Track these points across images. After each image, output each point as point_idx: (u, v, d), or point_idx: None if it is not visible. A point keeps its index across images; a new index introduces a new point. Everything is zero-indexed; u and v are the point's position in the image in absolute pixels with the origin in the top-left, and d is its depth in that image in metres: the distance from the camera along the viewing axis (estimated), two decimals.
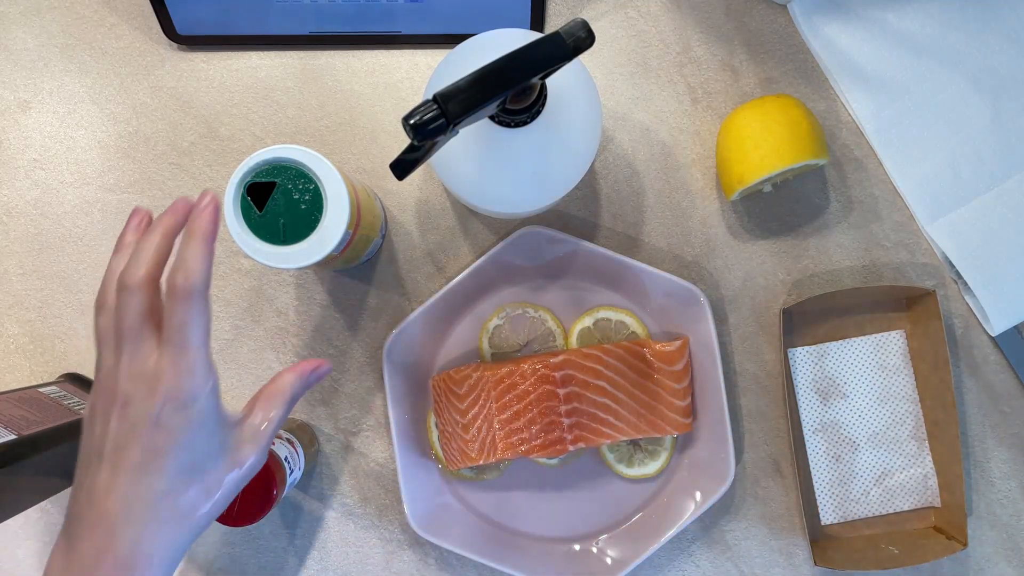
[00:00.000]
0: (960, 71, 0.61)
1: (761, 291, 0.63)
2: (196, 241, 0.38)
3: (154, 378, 0.37)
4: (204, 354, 0.38)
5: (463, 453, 0.59)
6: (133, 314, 0.37)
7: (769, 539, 0.63)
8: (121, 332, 0.38)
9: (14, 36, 0.63)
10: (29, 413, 0.54)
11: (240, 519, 0.51)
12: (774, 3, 0.63)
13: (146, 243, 0.39)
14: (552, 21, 0.63)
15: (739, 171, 0.57)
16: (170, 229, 0.40)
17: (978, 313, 0.62)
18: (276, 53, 0.63)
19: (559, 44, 0.37)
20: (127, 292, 0.38)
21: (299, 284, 0.63)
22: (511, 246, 0.60)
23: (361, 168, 0.63)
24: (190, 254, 0.38)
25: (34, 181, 0.63)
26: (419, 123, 0.35)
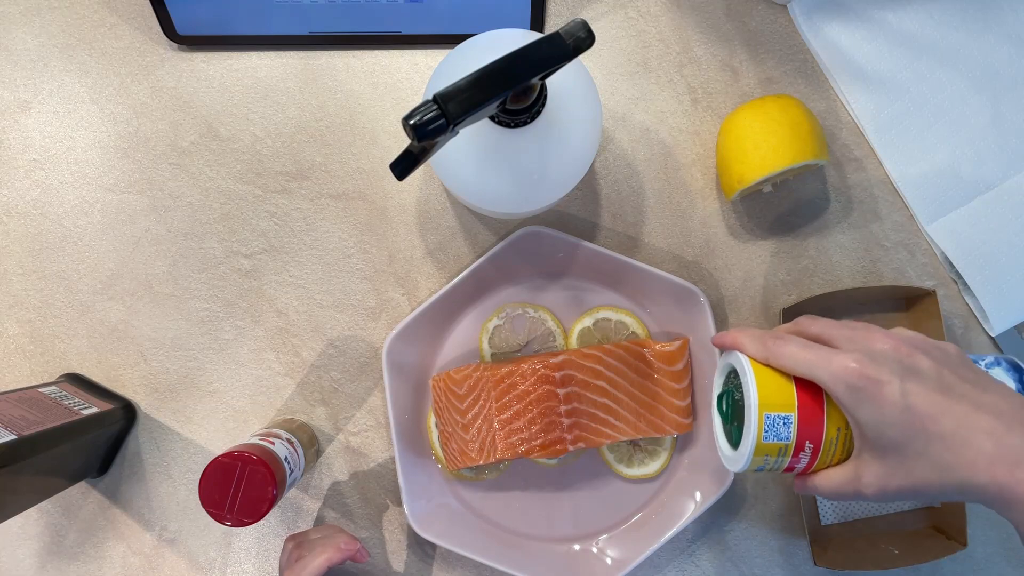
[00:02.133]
0: (960, 71, 0.61)
1: (761, 291, 0.63)
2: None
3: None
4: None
5: (463, 453, 0.59)
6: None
7: (769, 539, 0.63)
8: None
9: (14, 36, 0.63)
10: (29, 413, 0.54)
11: (240, 519, 0.51)
12: (774, 3, 0.63)
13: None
14: (552, 21, 0.63)
15: (739, 171, 0.57)
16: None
17: (978, 313, 0.62)
18: (276, 53, 0.63)
19: (559, 44, 0.37)
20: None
21: (299, 284, 0.63)
22: (511, 246, 0.60)
23: (361, 168, 0.63)
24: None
25: (34, 181, 0.63)
26: (419, 123, 0.35)
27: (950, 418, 0.39)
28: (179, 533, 0.63)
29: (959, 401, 0.39)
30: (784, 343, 0.44)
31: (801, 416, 0.43)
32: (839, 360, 0.41)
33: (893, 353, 0.41)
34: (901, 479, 0.40)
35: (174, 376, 0.63)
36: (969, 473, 0.38)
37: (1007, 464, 0.37)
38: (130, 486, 0.63)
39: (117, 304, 0.63)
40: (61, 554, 0.64)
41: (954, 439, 0.38)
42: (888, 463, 0.40)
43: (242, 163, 0.63)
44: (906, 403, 0.39)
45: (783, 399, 0.43)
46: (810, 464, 0.44)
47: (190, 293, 0.63)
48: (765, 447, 0.43)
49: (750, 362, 0.45)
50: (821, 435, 0.43)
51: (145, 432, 0.63)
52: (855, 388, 0.40)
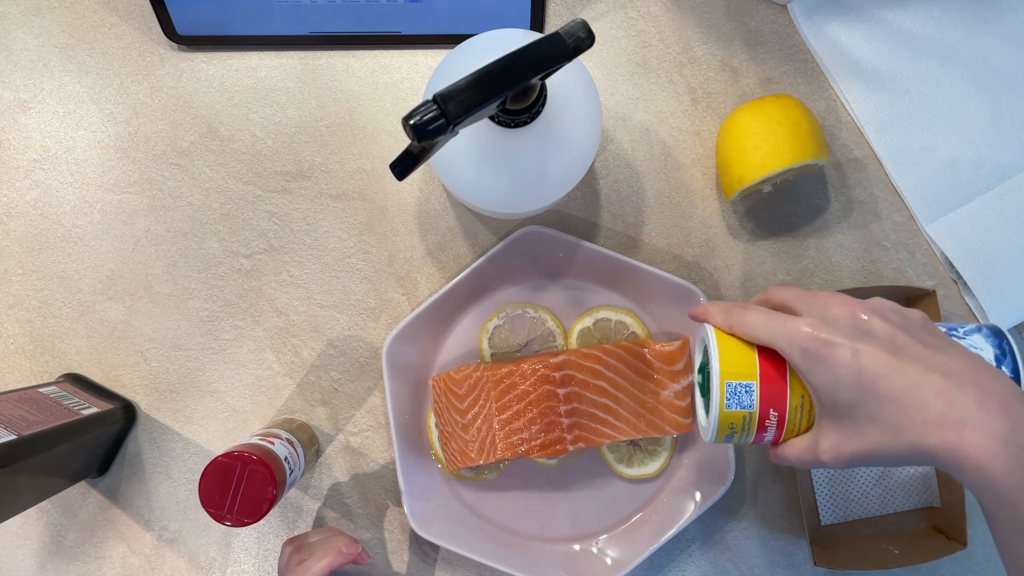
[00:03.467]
0: (960, 71, 0.61)
1: (761, 291, 0.63)
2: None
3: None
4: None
5: (463, 453, 0.59)
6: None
7: (769, 539, 0.63)
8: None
9: (14, 36, 0.63)
10: (29, 413, 0.54)
11: (240, 519, 0.51)
12: (774, 3, 0.63)
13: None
14: (552, 21, 0.63)
15: (739, 171, 0.57)
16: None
17: (978, 313, 0.62)
18: (276, 53, 0.63)
19: (559, 44, 0.37)
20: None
21: (299, 284, 0.63)
22: (511, 246, 0.60)
23: (361, 168, 0.63)
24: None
25: (34, 181, 0.63)
26: (419, 123, 0.35)
27: (900, 379, 0.38)
28: (179, 533, 0.63)
29: (910, 362, 0.38)
30: (746, 311, 0.44)
31: (763, 384, 0.43)
32: (793, 324, 0.41)
33: (848, 318, 0.41)
34: (855, 443, 0.40)
35: (174, 376, 0.63)
36: (919, 435, 0.37)
37: (956, 425, 0.36)
38: (130, 486, 0.63)
39: (117, 304, 0.63)
40: (61, 554, 0.64)
41: (904, 400, 0.38)
42: (843, 428, 0.40)
43: (242, 163, 0.63)
44: (857, 365, 0.39)
45: (745, 367, 0.44)
46: (779, 433, 0.44)
47: (190, 293, 0.63)
48: (729, 415, 0.44)
49: (715, 332, 0.46)
50: (785, 403, 0.43)
51: (145, 432, 0.63)
52: (808, 352, 0.40)
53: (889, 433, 0.38)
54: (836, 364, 0.39)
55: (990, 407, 0.36)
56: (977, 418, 0.36)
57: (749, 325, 0.44)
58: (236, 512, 0.51)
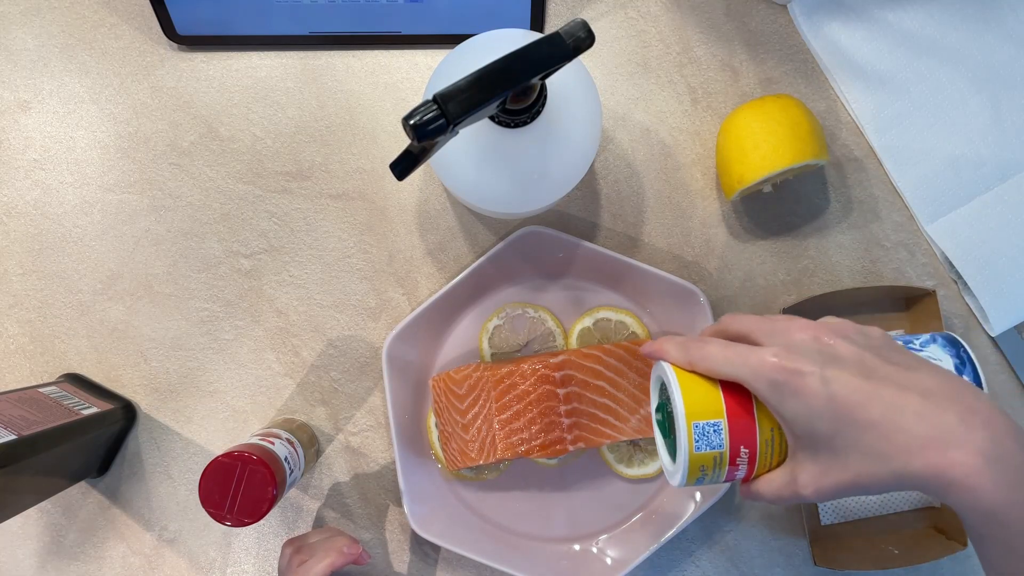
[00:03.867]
0: (960, 71, 0.61)
1: (761, 291, 0.63)
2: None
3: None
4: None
5: (463, 453, 0.59)
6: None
7: (769, 539, 0.63)
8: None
9: (14, 36, 0.63)
10: (29, 413, 0.54)
11: (240, 519, 0.51)
12: (774, 3, 0.63)
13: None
14: (552, 21, 0.63)
15: (739, 171, 0.57)
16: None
17: (978, 313, 0.62)
18: (276, 53, 0.63)
19: (559, 44, 0.37)
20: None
21: (299, 284, 0.63)
22: (511, 246, 0.60)
23: (361, 168, 0.63)
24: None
25: (34, 181, 0.63)
26: (419, 123, 0.35)
27: (877, 404, 0.36)
28: (179, 533, 0.63)
29: (884, 384, 0.37)
30: (704, 345, 0.42)
31: (731, 421, 0.41)
32: (757, 356, 0.39)
33: (812, 343, 0.39)
34: (837, 474, 0.38)
35: (174, 376, 0.63)
36: (904, 460, 0.35)
37: (940, 446, 0.35)
38: (130, 486, 0.63)
39: (117, 304, 0.63)
40: (61, 554, 0.64)
41: (884, 426, 0.36)
42: (821, 459, 0.38)
43: (242, 163, 0.63)
44: (829, 392, 0.37)
45: (711, 405, 0.41)
46: (750, 469, 0.42)
47: (190, 293, 0.63)
48: (699, 458, 0.41)
49: (675, 370, 0.43)
50: (755, 438, 0.41)
51: (145, 432, 0.63)
52: (776, 383, 0.38)
53: (873, 461, 0.36)
54: (807, 394, 0.38)
55: (972, 424, 0.35)
56: (960, 437, 0.35)
57: (709, 360, 0.41)
58: (236, 512, 0.51)
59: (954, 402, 0.36)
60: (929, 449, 0.35)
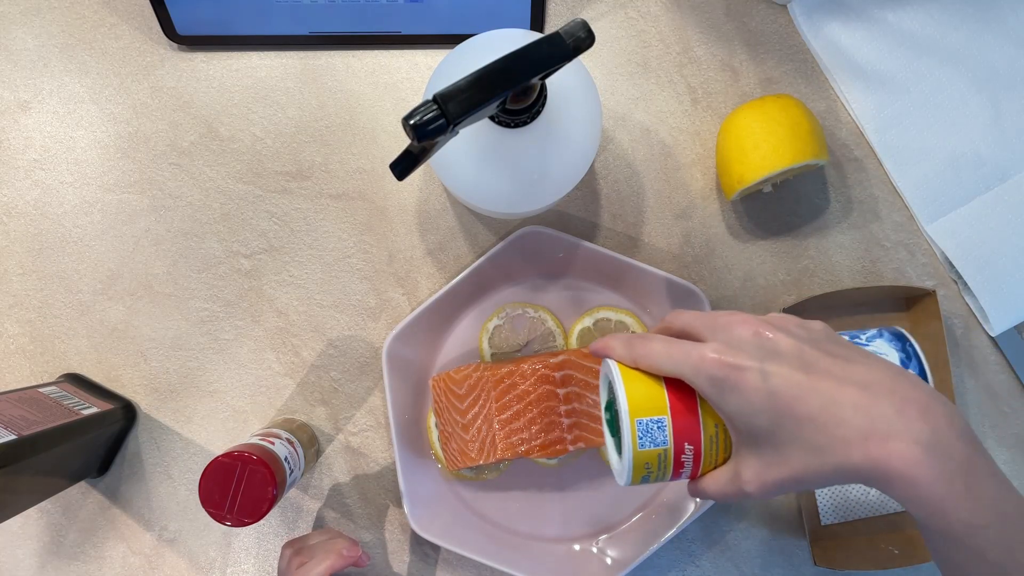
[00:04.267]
0: (960, 71, 0.61)
1: (761, 291, 0.63)
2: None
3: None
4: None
5: (463, 453, 0.59)
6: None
7: (769, 539, 0.63)
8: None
9: (14, 36, 0.63)
10: (29, 413, 0.54)
11: (240, 519, 0.51)
12: (774, 3, 0.63)
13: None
14: (552, 21, 0.63)
15: (739, 171, 0.57)
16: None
17: (978, 313, 0.62)
18: (276, 53, 0.63)
19: (559, 44, 0.37)
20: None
21: (299, 284, 0.63)
22: (511, 246, 0.60)
23: (361, 168, 0.63)
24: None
25: (34, 181, 0.63)
26: (419, 123, 0.35)
27: (815, 397, 0.36)
28: (179, 533, 0.63)
29: (823, 378, 0.37)
30: (647, 342, 0.42)
31: (675, 418, 0.40)
32: (698, 352, 0.39)
33: (753, 338, 0.39)
34: (780, 470, 0.37)
35: (174, 376, 0.63)
36: (844, 453, 0.35)
37: (879, 438, 0.34)
38: (130, 486, 0.63)
39: (117, 304, 0.63)
40: (61, 554, 0.64)
41: (823, 419, 0.36)
42: (764, 455, 0.38)
43: (242, 163, 0.63)
44: (768, 387, 0.37)
45: (654, 402, 0.41)
46: (696, 467, 0.42)
47: (190, 293, 0.63)
48: (644, 455, 0.41)
49: (619, 367, 0.42)
50: (699, 435, 0.41)
51: (145, 432, 0.63)
52: (716, 379, 0.38)
53: (813, 455, 0.36)
54: (747, 389, 0.37)
55: (909, 414, 0.35)
56: (898, 428, 0.34)
57: (652, 356, 0.41)
58: (236, 512, 0.51)
59: (892, 393, 0.36)
60: (867, 441, 0.35)
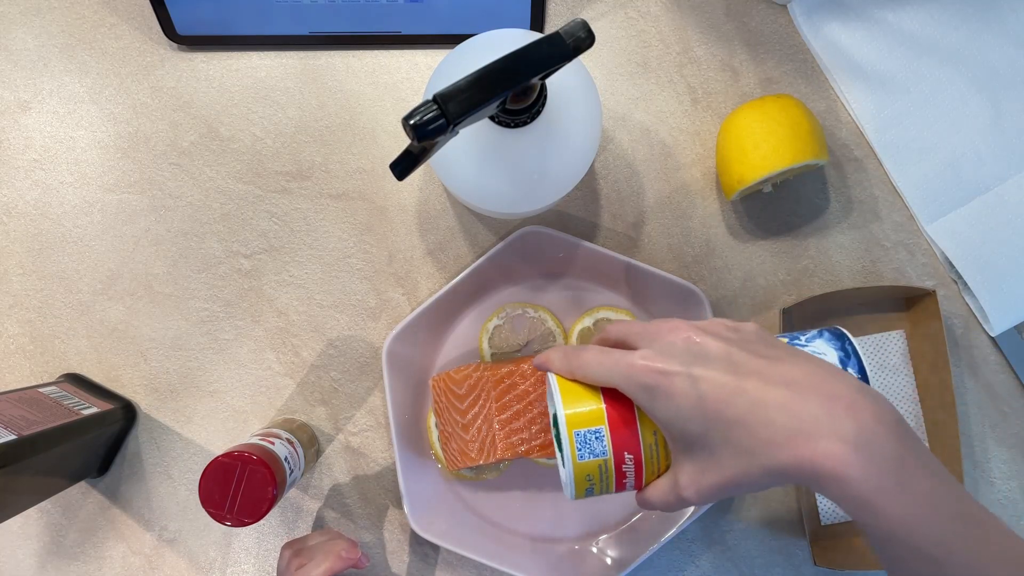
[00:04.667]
0: (960, 71, 0.61)
1: (761, 291, 0.63)
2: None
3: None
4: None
5: (463, 453, 0.59)
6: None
7: (769, 539, 0.63)
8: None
9: (14, 36, 0.63)
10: (29, 413, 0.54)
11: (240, 519, 0.51)
12: (774, 3, 0.63)
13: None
14: (552, 21, 0.63)
15: (739, 171, 0.57)
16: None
17: (978, 313, 0.62)
18: (276, 53, 0.63)
19: (559, 44, 0.37)
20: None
21: (299, 284, 0.63)
22: (511, 246, 0.60)
23: (361, 168, 0.63)
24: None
25: (34, 181, 0.63)
26: (419, 123, 0.35)
27: (743, 399, 0.36)
28: (179, 533, 0.63)
29: (749, 379, 0.36)
30: (583, 353, 0.41)
31: (613, 428, 0.40)
32: (628, 360, 0.39)
33: (682, 343, 0.39)
34: (714, 475, 0.37)
35: (174, 376, 0.63)
36: (772, 454, 0.35)
37: (805, 437, 0.34)
38: (130, 486, 0.63)
39: (117, 304, 0.63)
40: (61, 554, 0.64)
41: (750, 421, 0.35)
42: (698, 460, 0.38)
43: (242, 163, 0.63)
44: (697, 392, 0.37)
45: (592, 413, 0.41)
46: (639, 477, 0.41)
47: (190, 293, 0.63)
48: (584, 467, 0.40)
49: (558, 380, 0.42)
50: (638, 444, 0.40)
51: (145, 432, 0.63)
52: (646, 386, 0.38)
53: (744, 458, 0.36)
54: (676, 394, 0.37)
55: (835, 412, 0.34)
56: (824, 426, 0.34)
57: (587, 367, 0.41)
58: (236, 512, 0.51)
59: (817, 391, 0.35)
60: (795, 441, 0.34)
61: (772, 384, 0.36)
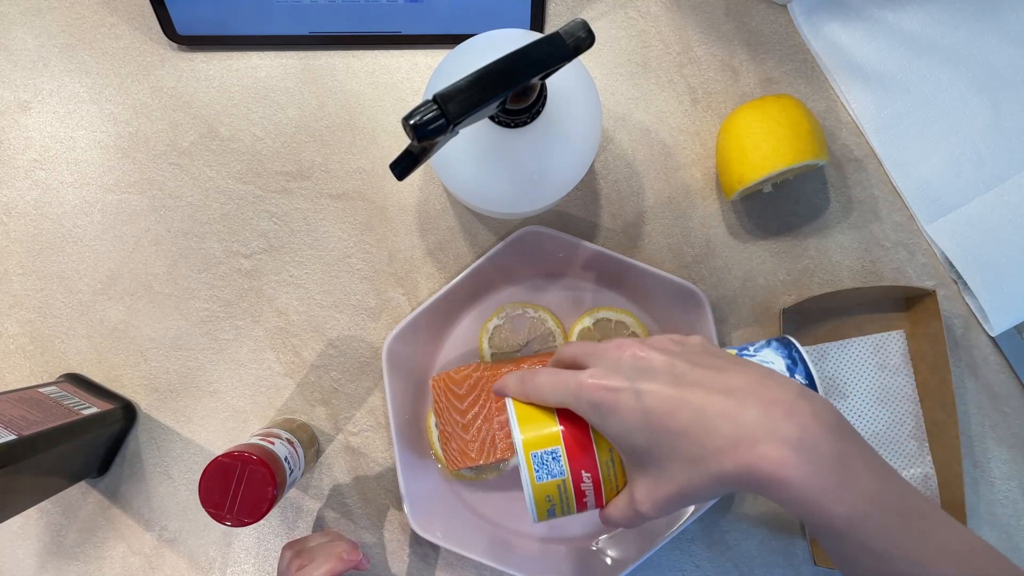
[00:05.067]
0: (960, 71, 0.61)
1: (761, 291, 0.63)
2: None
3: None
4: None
5: (463, 453, 0.59)
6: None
7: (769, 539, 0.63)
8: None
9: (14, 36, 0.63)
10: (29, 413, 0.54)
11: (240, 519, 0.51)
12: (774, 3, 0.63)
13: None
14: (552, 21, 0.63)
15: (739, 171, 0.57)
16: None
17: (978, 313, 0.62)
18: (276, 53, 0.63)
19: (559, 44, 0.37)
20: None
21: (299, 284, 0.63)
22: (511, 246, 0.60)
23: (361, 168, 0.63)
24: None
25: (34, 181, 0.63)
26: (419, 123, 0.35)
27: (687, 409, 0.36)
28: (179, 533, 0.63)
29: (692, 389, 0.37)
30: (536, 376, 0.42)
31: (569, 448, 0.41)
32: (576, 379, 0.40)
33: (629, 359, 0.39)
34: (665, 487, 0.38)
35: (174, 376, 0.63)
36: (717, 463, 0.35)
37: (748, 443, 0.34)
38: (130, 486, 0.63)
39: (117, 304, 0.63)
40: (61, 554, 0.64)
41: (695, 431, 0.36)
42: (650, 473, 0.38)
43: (242, 163, 0.63)
44: (643, 406, 0.37)
45: (548, 435, 0.41)
46: (598, 495, 0.42)
47: (190, 293, 0.63)
48: (543, 488, 0.41)
49: (514, 404, 0.43)
50: (595, 462, 0.41)
51: (145, 432, 0.63)
52: (595, 403, 0.38)
53: (692, 468, 0.36)
54: (623, 410, 0.38)
55: (775, 416, 0.35)
56: (765, 431, 0.34)
57: (540, 389, 0.42)
58: (236, 512, 0.51)
59: (757, 397, 0.36)
60: (737, 448, 0.35)
61: (715, 393, 0.37)
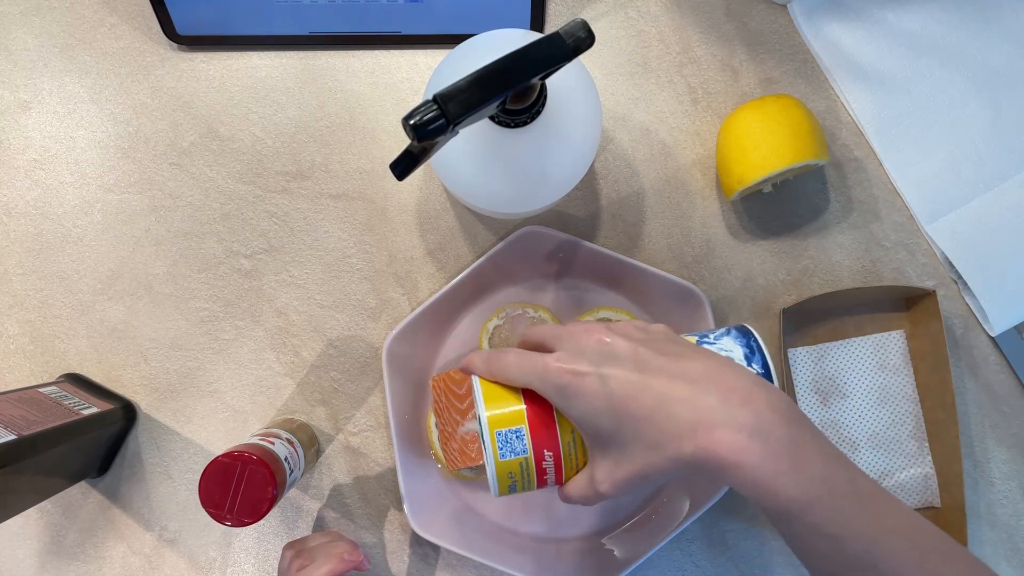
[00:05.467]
0: (960, 71, 0.61)
1: (761, 291, 0.63)
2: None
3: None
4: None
5: (463, 453, 0.60)
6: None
7: (769, 539, 0.63)
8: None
9: (14, 36, 0.63)
10: (29, 413, 0.54)
11: (240, 519, 0.51)
12: (774, 3, 0.63)
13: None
14: (552, 21, 0.63)
15: (739, 171, 0.57)
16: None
17: (978, 313, 0.62)
18: (276, 53, 0.63)
19: (559, 44, 0.37)
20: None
21: (299, 284, 0.63)
22: (511, 246, 0.60)
23: (361, 168, 0.63)
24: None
25: (34, 181, 0.63)
26: (419, 123, 0.35)
27: (648, 395, 0.38)
28: (179, 533, 0.63)
29: (655, 375, 0.38)
30: (503, 356, 0.43)
31: (532, 427, 0.42)
32: (543, 362, 0.41)
33: (595, 344, 0.40)
34: (626, 468, 0.39)
35: (174, 376, 0.63)
36: (676, 446, 0.37)
37: (706, 428, 0.36)
38: (130, 486, 0.63)
39: (117, 304, 0.63)
40: (61, 554, 0.64)
41: (656, 416, 0.37)
42: (611, 455, 0.40)
43: (242, 163, 0.63)
44: (607, 390, 0.39)
45: (512, 414, 0.42)
46: (559, 473, 0.43)
47: (190, 293, 0.63)
48: (506, 465, 0.42)
49: (480, 382, 0.44)
50: (557, 442, 0.42)
51: (145, 432, 0.63)
52: (560, 386, 0.40)
53: (651, 451, 0.38)
54: (587, 393, 0.39)
55: (732, 402, 0.36)
56: (722, 416, 0.36)
57: (506, 369, 0.43)
58: (236, 512, 0.51)
59: (716, 384, 0.37)
60: (695, 432, 0.36)
61: (676, 379, 0.38)
